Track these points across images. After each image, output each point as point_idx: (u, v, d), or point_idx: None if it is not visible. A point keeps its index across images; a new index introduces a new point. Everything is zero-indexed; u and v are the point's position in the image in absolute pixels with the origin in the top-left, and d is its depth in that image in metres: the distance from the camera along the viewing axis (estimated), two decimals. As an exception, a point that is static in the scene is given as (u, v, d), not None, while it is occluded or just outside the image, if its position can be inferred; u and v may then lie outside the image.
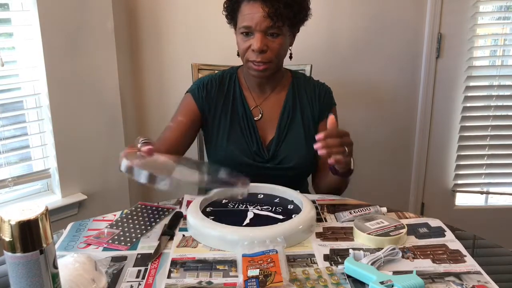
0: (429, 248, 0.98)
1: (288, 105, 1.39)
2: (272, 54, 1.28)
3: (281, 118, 1.38)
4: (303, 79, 1.45)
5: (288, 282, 0.84)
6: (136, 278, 0.87)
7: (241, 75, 1.43)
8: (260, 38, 1.25)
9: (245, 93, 1.40)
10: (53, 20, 1.67)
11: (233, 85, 1.41)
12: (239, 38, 1.30)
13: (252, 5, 1.24)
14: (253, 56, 1.27)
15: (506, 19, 2.14)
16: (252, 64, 1.29)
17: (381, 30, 2.09)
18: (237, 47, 1.33)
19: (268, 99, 1.41)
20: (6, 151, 1.69)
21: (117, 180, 1.97)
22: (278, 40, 1.27)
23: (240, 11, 1.28)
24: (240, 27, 1.27)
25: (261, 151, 1.36)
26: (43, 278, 0.68)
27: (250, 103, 1.40)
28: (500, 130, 2.20)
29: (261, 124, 1.39)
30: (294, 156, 1.35)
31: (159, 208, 1.18)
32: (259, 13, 1.23)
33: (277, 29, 1.25)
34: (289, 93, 1.41)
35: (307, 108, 1.40)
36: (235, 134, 1.36)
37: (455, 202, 2.33)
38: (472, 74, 2.14)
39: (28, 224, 0.66)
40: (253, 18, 1.24)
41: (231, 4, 1.31)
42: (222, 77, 1.42)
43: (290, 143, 1.37)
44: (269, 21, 1.23)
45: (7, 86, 1.68)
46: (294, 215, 1.05)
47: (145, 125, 2.14)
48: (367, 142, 2.22)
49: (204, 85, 1.39)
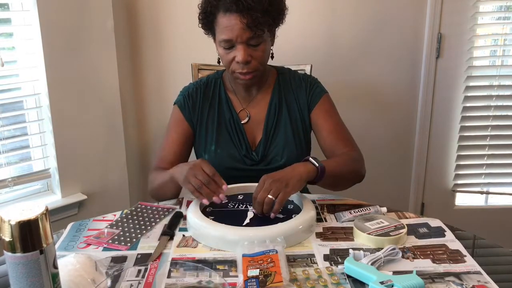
0: (429, 248, 0.98)
1: (274, 103, 1.37)
2: (257, 62, 1.25)
3: (268, 118, 1.37)
4: (288, 74, 1.42)
5: (288, 282, 0.84)
6: (136, 277, 0.87)
7: (226, 79, 1.41)
8: (243, 49, 1.21)
9: (230, 96, 1.39)
10: (53, 20, 1.67)
11: (218, 90, 1.39)
12: (220, 50, 1.26)
13: (229, 17, 1.20)
14: (238, 68, 1.25)
15: (506, 19, 2.14)
16: (238, 74, 1.27)
17: (381, 30, 2.09)
18: (220, 59, 1.30)
19: (254, 101, 1.39)
20: (6, 151, 1.69)
21: (117, 180, 1.98)
22: (261, 48, 1.24)
23: (217, 23, 1.24)
24: (220, 40, 1.23)
25: (250, 154, 1.35)
26: (43, 278, 0.68)
27: (237, 107, 1.38)
28: (500, 130, 2.20)
29: (249, 127, 1.37)
30: (283, 154, 1.34)
31: (159, 208, 1.18)
32: (238, 25, 1.19)
33: (259, 38, 1.22)
34: (274, 91, 1.39)
35: (293, 102, 1.38)
36: (223, 139, 1.35)
37: (455, 202, 2.33)
38: (472, 74, 2.14)
39: (28, 224, 0.66)
40: (232, 31, 1.20)
41: (206, 17, 1.27)
42: (206, 83, 1.40)
43: (278, 142, 1.35)
44: (249, 32, 1.19)
45: (7, 86, 1.68)
46: (294, 215, 1.05)
47: (145, 125, 2.14)
48: (367, 142, 2.21)
49: (189, 94, 1.38)
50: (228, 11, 1.20)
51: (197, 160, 1.13)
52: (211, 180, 1.08)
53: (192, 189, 1.08)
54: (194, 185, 1.07)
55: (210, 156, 1.35)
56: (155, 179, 1.30)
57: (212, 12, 1.24)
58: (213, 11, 1.24)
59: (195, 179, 1.07)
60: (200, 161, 1.12)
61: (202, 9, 1.27)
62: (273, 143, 1.35)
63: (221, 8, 1.21)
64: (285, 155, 1.34)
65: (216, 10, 1.23)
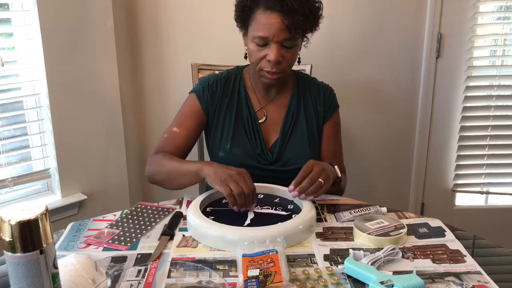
0: (429, 248, 0.98)
1: (293, 107, 1.38)
2: (286, 64, 1.26)
3: (285, 121, 1.37)
4: (307, 80, 1.44)
5: (288, 282, 0.84)
6: (136, 277, 0.87)
7: (246, 76, 1.41)
8: (277, 49, 1.21)
9: (250, 94, 1.39)
10: (53, 20, 1.67)
11: (238, 86, 1.39)
12: (252, 46, 1.25)
13: (269, 15, 1.19)
14: (267, 66, 1.25)
15: (506, 19, 2.14)
16: (265, 73, 1.27)
17: (381, 30, 2.09)
18: (248, 54, 1.30)
19: (273, 101, 1.39)
20: (6, 151, 1.69)
21: (117, 180, 1.98)
22: (292, 50, 1.25)
23: (254, 19, 1.23)
24: (255, 36, 1.22)
25: (265, 153, 1.36)
26: (43, 278, 0.68)
27: (255, 105, 1.38)
28: (500, 130, 2.20)
29: (265, 127, 1.38)
30: (298, 158, 1.34)
31: (159, 208, 1.18)
32: (278, 24, 1.18)
33: (294, 41, 1.23)
34: (293, 95, 1.40)
35: (311, 109, 1.39)
36: (239, 136, 1.35)
37: (455, 202, 2.33)
38: (472, 74, 2.14)
39: (28, 224, 0.66)
40: (271, 29, 1.19)
41: (243, 10, 1.25)
42: (227, 77, 1.39)
43: (294, 145, 1.36)
44: (287, 33, 1.19)
45: (7, 86, 1.68)
46: (294, 215, 1.05)
47: (145, 125, 2.14)
48: (367, 142, 2.22)
49: (209, 85, 1.37)
50: (270, 9, 1.19)
51: (242, 169, 1.12)
52: (251, 193, 1.08)
53: (229, 193, 1.06)
54: (234, 190, 1.06)
55: (225, 154, 1.35)
56: (165, 164, 1.25)
57: (251, 6, 1.23)
58: (252, 6, 1.23)
59: (236, 185, 1.06)
60: (246, 172, 1.11)
61: (240, 1, 1.26)
62: (288, 145, 1.36)
63: (262, 5, 1.20)
64: (300, 159, 1.34)
65: (256, 5, 1.22)
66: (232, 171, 1.10)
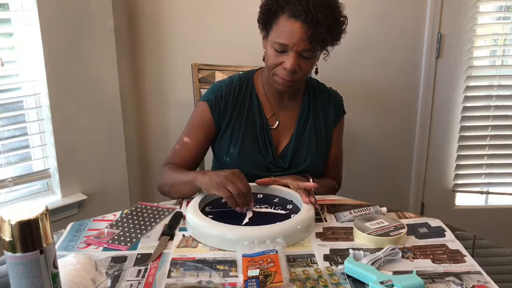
0: (429, 248, 0.98)
1: (305, 113, 1.38)
2: (302, 74, 1.25)
3: (298, 126, 1.36)
4: (317, 86, 1.43)
5: (288, 282, 0.84)
6: (136, 277, 0.87)
7: (258, 81, 1.38)
8: (295, 58, 1.20)
9: (261, 100, 1.36)
10: (53, 20, 1.66)
11: (250, 92, 1.36)
12: (270, 50, 1.23)
13: (293, 23, 1.17)
14: (283, 73, 1.23)
15: (506, 19, 2.14)
16: (279, 79, 1.25)
17: (381, 30, 2.09)
18: (266, 57, 1.28)
19: (285, 107, 1.38)
20: (6, 151, 1.69)
21: (117, 180, 1.97)
22: (310, 61, 1.24)
23: (277, 24, 1.21)
24: (276, 41, 1.20)
25: (276, 161, 1.34)
26: (43, 278, 0.68)
27: (267, 111, 1.36)
28: (500, 130, 2.20)
29: (276, 133, 1.36)
30: (309, 163, 1.35)
31: (159, 208, 1.18)
32: (299, 33, 1.16)
33: (313, 52, 1.21)
34: (305, 101, 1.39)
35: (321, 114, 1.39)
36: (248, 145, 1.33)
37: (455, 202, 2.32)
38: (472, 74, 2.14)
39: (28, 224, 0.66)
40: (292, 38, 1.17)
41: (268, 13, 1.23)
42: (239, 85, 1.36)
43: (304, 151, 1.36)
44: (308, 44, 1.17)
45: (7, 86, 1.68)
46: (293, 215, 1.05)
47: (145, 125, 2.14)
48: (367, 142, 2.22)
49: (222, 95, 1.33)
50: (295, 17, 1.17)
51: (235, 170, 1.12)
52: (248, 191, 1.08)
53: (228, 195, 1.06)
54: (232, 191, 1.06)
55: (231, 160, 1.33)
56: (169, 176, 1.26)
57: (276, 11, 1.21)
58: (277, 10, 1.21)
59: (233, 185, 1.06)
60: (239, 171, 1.11)
61: (266, 4, 1.24)
62: (300, 151, 1.36)
63: (287, 11, 1.18)
64: (310, 164, 1.35)
65: (281, 11, 1.20)
66: (225, 172, 1.10)
